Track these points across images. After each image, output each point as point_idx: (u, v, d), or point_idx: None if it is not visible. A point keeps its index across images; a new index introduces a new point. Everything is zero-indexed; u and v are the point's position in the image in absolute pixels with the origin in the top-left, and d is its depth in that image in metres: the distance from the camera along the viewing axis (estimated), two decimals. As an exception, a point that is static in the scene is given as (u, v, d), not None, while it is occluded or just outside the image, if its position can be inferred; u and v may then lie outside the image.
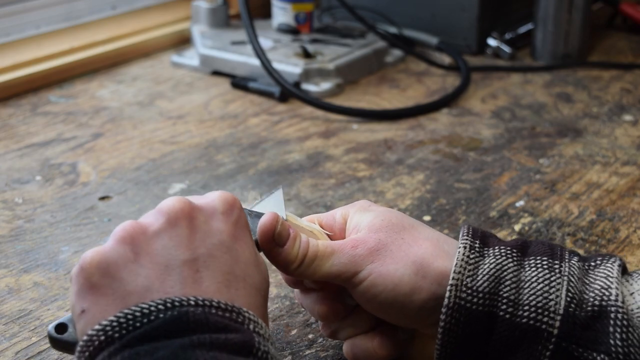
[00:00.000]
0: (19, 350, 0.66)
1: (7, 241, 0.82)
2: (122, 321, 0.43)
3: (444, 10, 1.37)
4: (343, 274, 0.54)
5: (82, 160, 1.00)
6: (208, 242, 0.47)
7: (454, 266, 0.52)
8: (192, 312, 0.43)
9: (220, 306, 0.44)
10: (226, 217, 0.49)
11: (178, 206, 0.48)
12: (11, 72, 1.20)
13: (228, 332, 0.43)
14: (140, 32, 1.38)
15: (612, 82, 1.25)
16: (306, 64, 1.21)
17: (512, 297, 0.51)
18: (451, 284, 0.51)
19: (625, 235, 0.82)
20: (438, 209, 0.87)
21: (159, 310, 0.43)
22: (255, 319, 0.46)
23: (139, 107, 1.16)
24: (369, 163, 0.99)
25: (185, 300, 0.44)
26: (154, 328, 0.42)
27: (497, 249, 0.53)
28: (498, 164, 0.98)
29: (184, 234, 0.47)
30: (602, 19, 1.53)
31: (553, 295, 0.50)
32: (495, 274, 0.51)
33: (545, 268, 0.52)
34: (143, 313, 0.43)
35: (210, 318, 0.43)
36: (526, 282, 0.51)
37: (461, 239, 0.54)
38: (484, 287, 0.51)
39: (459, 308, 0.51)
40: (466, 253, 0.53)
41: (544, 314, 0.50)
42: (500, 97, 1.20)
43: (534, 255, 0.53)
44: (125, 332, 0.42)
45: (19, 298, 0.73)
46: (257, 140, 1.05)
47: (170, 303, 0.43)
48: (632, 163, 0.98)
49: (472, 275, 0.51)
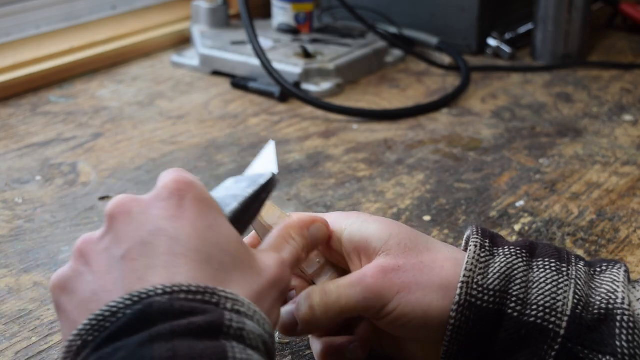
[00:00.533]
0: (19, 350, 0.66)
1: (7, 241, 0.82)
2: (93, 323, 0.42)
3: (444, 10, 1.37)
4: (372, 308, 0.53)
5: (82, 160, 1.00)
6: (143, 230, 0.46)
7: (465, 264, 0.52)
8: (157, 302, 0.42)
9: (191, 289, 0.43)
10: (167, 203, 0.48)
11: (116, 204, 0.48)
12: (11, 72, 1.20)
13: (193, 316, 0.42)
14: (140, 32, 1.38)
15: (612, 82, 1.25)
16: (306, 64, 1.21)
17: (521, 296, 0.51)
18: (462, 282, 0.51)
19: (625, 235, 0.82)
20: (438, 209, 0.87)
21: (126, 307, 0.42)
22: (234, 297, 0.44)
23: (139, 107, 1.16)
24: (369, 163, 0.99)
25: (152, 290, 0.43)
26: (119, 327, 0.41)
27: (506, 248, 0.53)
28: (498, 164, 0.98)
29: (121, 230, 0.46)
30: (602, 19, 1.53)
31: (561, 296, 0.50)
32: (505, 272, 0.51)
33: (554, 270, 0.52)
34: (112, 312, 0.42)
35: (175, 304, 0.42)
36: (534, 283, 0.51)
37: (472, 238, 0.54)
38: (495, 285, 0.51)
39: (469, 305, 0.51)
40: (477, 251, 0.53)
41: (551, 314, 0.50)
42: (500, 97, 1.20)
43: (542, 257, 0.53)
44: (98, 334, 0.42)
45: (19, 298, 0.73)
46: (257, 140, 1.05)
47: (137, 296, 0.42)
48: (632, 163, 0.98)
49: (483, 274, 0.52)
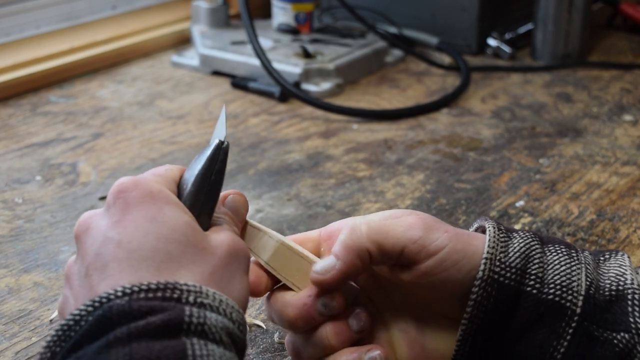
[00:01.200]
0: (19, 350, 0.66)
1: (7, 241, 0.82)
2: (59, 334, 0.42)
3: (444, 10, 1.37)
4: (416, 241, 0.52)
5: (82, 160, 1.00)
6: (95, 244, 0.46)
7: (487, 241, 0.52)
8: (116, 305, 0.41)
9: (151, 287, 0.43)
10: (112, 209, 0.48)
11: (78, 224, 0.49)
12: (11, 72, 1.20)
13: (150, 315, 0.41)
14: (140, 32, 1.38)
15: (612, 82, 1.25)
16: (306, 64, 1.21)
17: (539, 274, 0.51)
18: (485, 257, 0.51)
19: (625, 235, 0.82)
20: (438, 209, 0.87)
21: (88, 313, 0.42)
22: (197, 289, 0.43)
23: (139, 107, 1.16)
24: (369, 163, 0.99)
25: (113, 292, 0.42)
26: (82, 335, 0.41)
27: (520, 232, 0.54)
28: (498, 164, 0.98)
29: (82, 248, 0.47)
30: (602, 19, 1.53)
31: (575, 277, 0.51)
32: (525, 252, 0.52)
33: (565, 254, 0.53)
34: (75, 320, 0.42)
35: (134, 305, 0.41)
36: (549, 264, 0.52)
37: (487, 223, 0.54)
38: (517, 263, 0.51)
39: (492, 282, 0.51)
40: (496, 232, 0.53)
41: (568, 292, 0.50)
42: (500, 97, 1.20)
43: (552, 243, 0.54)
44: (64, 344, 0.42)
45: (19, 298, 0.73)
46: (257, 140, 1.05)
47: (98, 302, 0.42)
48: (632, 163, 0.98)
49: (504, 252, 0.52)
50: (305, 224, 0.85)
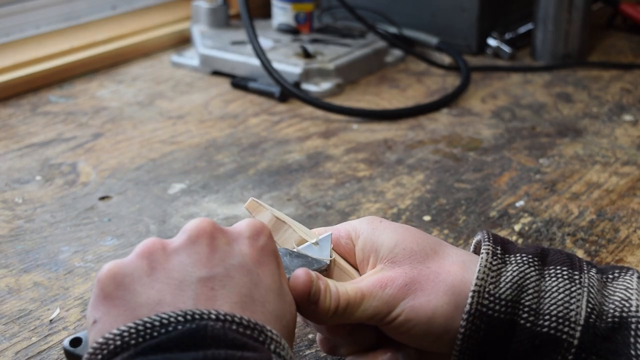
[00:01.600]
0: (19, 350, 0.66)
1: (7, 241, 0.82)
2: (140, 329, 0.42)
3: (444, 10, 1.37)
4: (376, 315, 0.53)
5: (82, 160, 1.00)
6: (227, 262, 0.47)
7: (477, 272, 0.51)
8: (211, 326, 0.43)
9: (243, 322, 0.44)
10: (251, 242, 0.49)
11: (201, 225, 0.48)
12: (11, 72, 1.20)
13: (245, 350, 0.42)
14: (140, 32, 1.38)
15: (612, 82, 1.25)
16: (306, 64, 1.21)
17: (533, 305, 0.50)
18: (473, 290, 0.51)
19: (625, 235, 0.82)
20: (438, 209, 0.87)
21: (178, 322, 0.43)
22: (277, 339, 0.45)
23: (139, 107, 1.16)
24: (369, 163, 0.99)
25: (207, 313, 0.43)
26: (170, 339, 0.42)
27: (518, 256, 0.53)
28: (498, 164, 0.98)
29: (203, 252, 0.47)
30: (602, 19, 1.53)
31: (574, 305, 0.50)
32: (518, 281, 0.51)
33: (566, 278, 0.51)
34: (162, 323, 0.42)
35: (229, 334, 0.43)
36: (547, 292, 0.51)
37: (483, 244, 0.53)
38: (507, 295, 0.50)
39: (480, 315, 0.50)
40: (489, 259, 0.52)
41: (564, 323, 0.49)
42: (500, 97, 1.20)
43: (554, 264, 0.52)
44: (142, 339, 0.42)
45: (19, 298, 0.73)
46: (257, 140, 1.05)
47: (190, 315, 0.43)
48: (632, 163, 0.98)
49: (495, 282, 0.51)
50: (305, 224, 0.84)
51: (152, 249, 0.47)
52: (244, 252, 0.48)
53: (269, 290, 0.48)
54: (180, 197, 0.90)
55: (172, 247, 0.47)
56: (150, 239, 0.48)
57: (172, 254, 0.47)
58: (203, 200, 0.90)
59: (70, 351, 0.50)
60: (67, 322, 0.69)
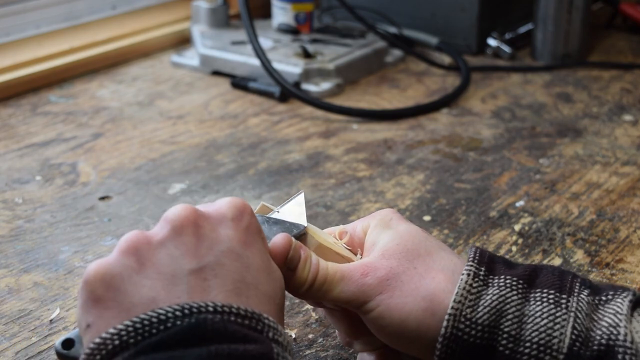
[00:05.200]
0: (19, 350, 0.66)
1: (7, 241, 0.82)
2: (137, 327, 0.42)
3: (444, 10, 1.37)
4: (352, 301, 0.53)
5: (82, 160, 1.00)
6: (216, 249, 0.46)
7: (454, 294, 0.50)
8: (210, 319, 0.42)
9: (240, 313, 0.43)
10: (236, 224, 0.48)
11: (183, 214, 0.46)
12: (11, 72, 1.20)
13: (247, 343, 0.42)
14: (140, 32, 1.38)
15: (612, 82, 1.25)
16: (306, 64, 1.21)
17: (513, 332, 0.49)
18: (449, 314, 0.49)
19: (625, 235, 0.82)
20: (438, 209, 0.87)
21: (176, 317, 0.42)
22: (275, 326, 0.45)
23: (139, 107, 1.16)
24: (369, 163, 0.99)
25: (204, 306, 0.43)
26: (171, 336, 0.41)
27: (502, 278, 0.51)
28: (498, 164, 0.98)
29: (190, 242, 0.45)
30: (602, 19, 1.53)
31: (557, 332, 0.48)
32: (497, 306, 0.49)
33: (552, 303, 0.49)
34: (160, 319, 0.42)
35: (229, 327, 0.42)
36: (529, 317, 0.49)
37: (466, 264, 0.52)
38: (484, 320, 0.49)
39: (455, 339, 0.49)
40: (469, 281, 0.50)
41: (545, 351, 0.48)
42: (500, 97, 1.20)
43: (542, 287, 0.51)
44: (141, 338, 0.41)
45: (19, 298, 0.73)
46: (257, 140, 1.05)
47: (188, 310, 0.42)
48: (632, 163, 0.98)
49: (473, 306, 0.50)
50: (305, 224, 0.85)
51: (137, 244, 0.45)
52: (230, 236, 0.47)
53: (260, 271, 0.47)
54: (180, 197, 0.90)
55: (158, 239, 0.46)
56: (133, 233, 0.46)
57: (159, 247, 0.45)
58: (203, 200, 0.90)
59: (64, 354, 0.48)
60: (67, 322, 0.69)
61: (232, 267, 0.45)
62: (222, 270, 0.45)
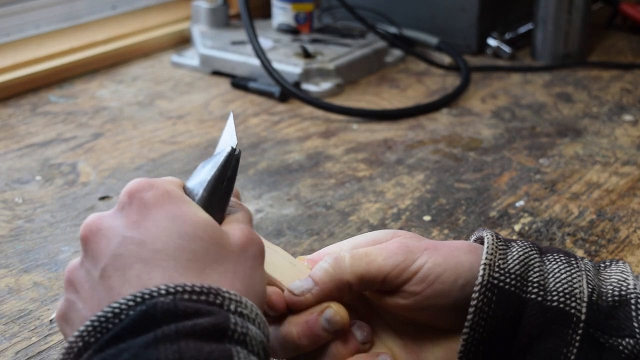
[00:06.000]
0: (19, 350, 0.66)
1: (7, 241, 0.82)
2: (95, 324, 0.42)
3: (444, 10, 1.37)
4: (397, 266, 0.51)
5: (82, 160, 1.00)
6: (112, 244, 0.46)
7: (486, 248, 0.52)
8: (160, 302, 0.42)
9: (195, 290, 0.43)
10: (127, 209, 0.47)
11: (85, 227, 0.47)
12: (11, 72, 1.20)
13: (198, 317, 0.41)
14: (140, 32, 1.38)
15: (612, 82, 1.25)
16: (306, 64, 1.21)
17: (541, 282, 0.51)
18: (484, 263, 0.51)
19: (625, 235, 0.82)
20: (438, 209, 0.87)
21: (129, 307, 0.42)
22: (237, 299, 0.44)
23: (139, 107, 1.16)
24: (369, 163, 0.99)
25: (156, 290, 0.42)
26: (123, 328, 0.41)
27: (519, 242, 0.54)
28: (498, 164, 0.98)
29: (94, 249, 0.46)
30: (602, 19, 1.53)
31: (577, 284, 0.51)
32: (524, 260, 0.52)
33: (564, 262, 0.52)
34: (114, 313, 0.42)
35: (179, 305, 0.42)
36: (549, 273, 0.51)
37: (485, 233, 0.54)
38: (516, 270, 0.51)
39: (492, 287, 0.50)
40: (494, 240, 0.52)
41: (571, 299, 0.50)
42: (500, 97, 1.20)
43: (551, 252, 0.53)
44: (100, 335, 0.41)
45: (19, 298, 0.73)
46: (257, 140, 1.05)
47: (140, 297, 0.42)
48: (632, 163, 0.98)
49: (503, 258, 0.51)
50: (305, 224, 0.85)
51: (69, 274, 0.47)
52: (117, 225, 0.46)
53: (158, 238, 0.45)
54: (180, 197, 0.90)
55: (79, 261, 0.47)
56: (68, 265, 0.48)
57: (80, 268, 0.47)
58: (203, 200, 0.90)
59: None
60: (67, 322, 0.69)
61: (127, 253, 0.45)
62: (120, 261, 0.45)
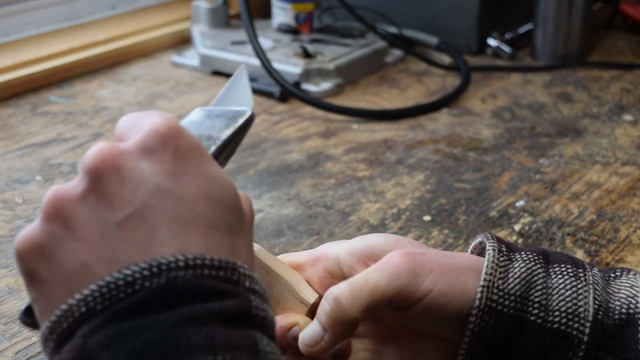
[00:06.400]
0: (19, 350, 0.66)
1: (7, 241, 0.82)
2: (104, 291, 0.37)
3: (444, 10, 1.37)
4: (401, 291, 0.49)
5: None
6: (142, 191, 0.39)
7: (485, 267, 0.50)
8: (181, 277, 0.38)
9: (214, 264, 0.39)
10: (160, 154, 0.40)
11: (99, 159, 0.40)
12: (11, 72, 1.20)
13: (223, 299, 0.38)
14: (140, 32, 1.38)
15: (612, 82, 1.25)
16: (306, 64, 1.21)
17: (543, 301, 0.49)
18: (482, 285, 0.49)
19: (625, 235, 0.82)
20: (438, 209, 0.87)
21: (144, 278, 0.37)
22: (250, 274, 0.40)
23: (139, 107, 1.16)
24: (369, 163, 0.99)
25: (174, 261, 0.38)
26: (140, 300, 0.37)
27: (523, 253, 0.51)
28: (498, 164, 0.98)
29: (112, 190, 0.39)
30: (602, 19, 1.53)
31: (582, 302, 0.49)
32: (526, 277, 0.49)
33: (571, 275, 0.50)
34: (127, 282, 0.37)
35: (203, 283, 0.38)
36: (554, 289, 0.49)
37: (488, 243, 0.52)
38: (516, 290, 0.49)
39: (489, 310, 0.48)
40: (496, 255, 0.50)
41: (574, 319, 0.48)
42: (500, 97, 1.20)
43: (558, 262, 0.51)
44: (109, 303, 0.37)
45: (19, 298, 0.73)
46: (257, 140, 1.05)
47: (156, 267, 0.38)
48: (632, 163, 0.98)
49: (503, 278, 0.49)
50: (305, 224, 0.85)
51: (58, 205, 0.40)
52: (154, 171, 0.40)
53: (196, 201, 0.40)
54: (180, 197, 0.90)
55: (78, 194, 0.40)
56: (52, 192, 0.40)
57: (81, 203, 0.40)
58: (203, 200, 0.90)
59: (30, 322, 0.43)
60: (67, 322, 0.69)
61: (161, 206, 0.39)
62: (151, 214, 0.39)
